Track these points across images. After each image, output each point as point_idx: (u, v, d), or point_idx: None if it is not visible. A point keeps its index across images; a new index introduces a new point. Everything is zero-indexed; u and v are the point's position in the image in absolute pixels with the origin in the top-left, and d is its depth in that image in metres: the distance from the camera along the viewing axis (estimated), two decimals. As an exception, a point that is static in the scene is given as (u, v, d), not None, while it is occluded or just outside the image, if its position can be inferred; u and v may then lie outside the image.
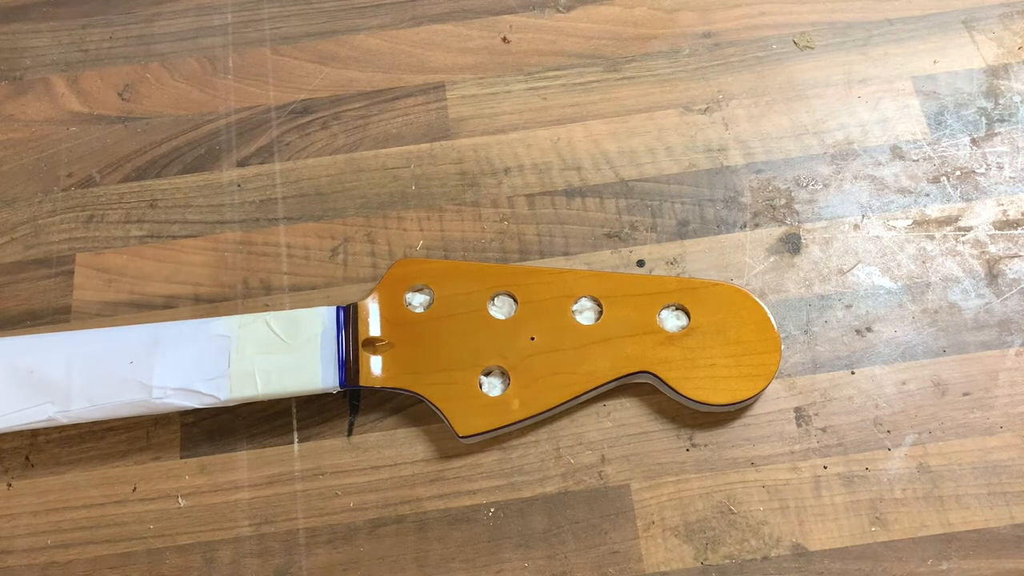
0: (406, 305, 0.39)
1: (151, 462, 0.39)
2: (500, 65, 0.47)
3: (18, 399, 0.36)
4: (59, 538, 0.38)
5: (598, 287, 0.39)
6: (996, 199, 0.42)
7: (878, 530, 0.36)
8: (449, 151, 0.45)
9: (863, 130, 0.44)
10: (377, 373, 0.38)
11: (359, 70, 0.47)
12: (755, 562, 0.36)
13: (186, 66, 0.47)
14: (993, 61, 0.45)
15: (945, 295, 0.40)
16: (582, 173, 0.44)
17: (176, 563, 0.37)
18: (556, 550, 0.37)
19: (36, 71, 0.48)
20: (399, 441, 0.39)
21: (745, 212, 0.42)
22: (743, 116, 0.45)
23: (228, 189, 0.44)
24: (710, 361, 0.38)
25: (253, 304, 0.41)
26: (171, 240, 0.43)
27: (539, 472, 0.38)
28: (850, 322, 0.40)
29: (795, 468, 0.37)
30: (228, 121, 0.46)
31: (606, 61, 0.46)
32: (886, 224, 0.42)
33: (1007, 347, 0.39)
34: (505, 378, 0.38)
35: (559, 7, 0.48)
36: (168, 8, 0.49)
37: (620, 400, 0.39)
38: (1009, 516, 0.36)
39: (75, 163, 0.45)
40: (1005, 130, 0.44)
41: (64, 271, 0.42)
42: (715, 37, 0.47)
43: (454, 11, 0.48)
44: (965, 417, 0.38)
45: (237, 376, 0.37)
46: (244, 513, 0.38)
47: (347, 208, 0.43)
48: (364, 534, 0.37)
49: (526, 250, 0.42)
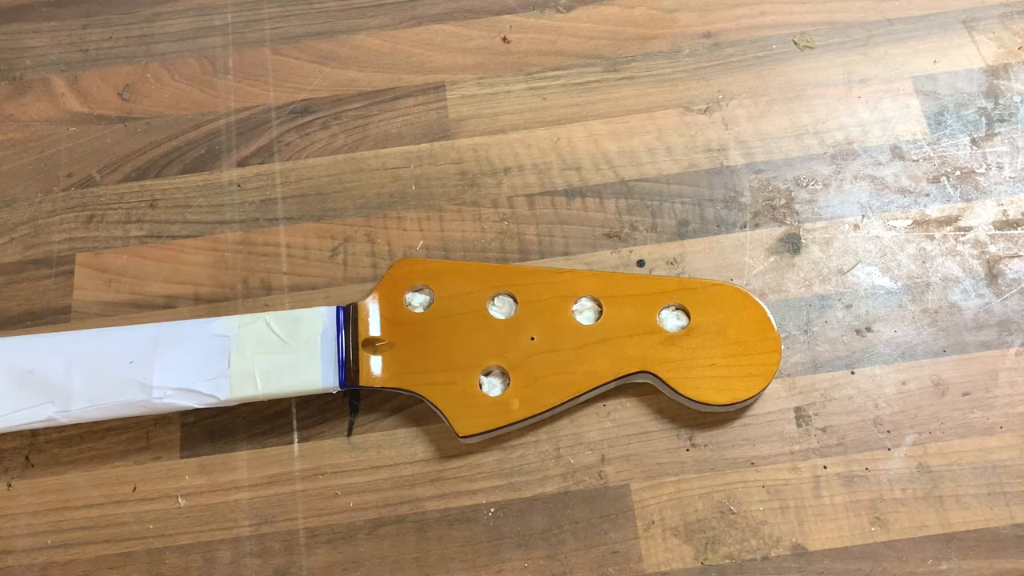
0: (406, 305, 0.39)
1: (151, 462, 0.39)
2: (500, 65, 0.47)
3: (18, 399, 0.36)
4: (59, 538, 0.38)
5: (598, 287, 0.39)
6: (996, 199, 0.42)
7: (878, 530, 0.36)
8: (449, 151, 0.45)
9: (863, 130, 0.44)
10: (377, 373, 0.38)
11: (359, 70, 0.47)
12: (755, 562, 0.36)
13: (186, 66, 0.47)
14: (993, 61, 0.45)
15: (945, 295, 0.40)
16: (582, 173, 0.44)
17: (176, 563, 0.37)
18: (556, 550, 0.37)
19: (36, 71, 0.48)
20: (399, 441, 0.39)
21: (745, 212, 0.42)
22: (743, 116, 0.45)
23: (228, 189, 0.44)
24: (710, 361, 0.38)
25: (253, 304, 0.41)
26: (171, 240, 0.43)
27: (539, 472, 0.38)
28: (850, 322, 0.40)
29: (795, 468, 0.37)
30: (228, 121, 0.46)
31: (606, 61, 0.46)
32: (886, 224, 0.42)
33: (1007, 347, 0.39)
34: (505, 378, 0.38)
35: (559, 7, 0.48)
36: (168, 8, 0.49)
37: (620, 400, 0.39)
38: (1009, 516, 0.36)
39: (75, 163, 0.45)
40: (1005, 130, 0.44)
41: (64, 271, 0.42)
42: (715, 37, 0.47)
43: (454, 11, 0.48)
44: (965, 417, 0.38)
45: (237, 376, 0.37)
46: (244, 513, 0.38)
47: (347, 208, 0.43)
48: (364, 534, 0.37)
49: (526, 250, 0.42)
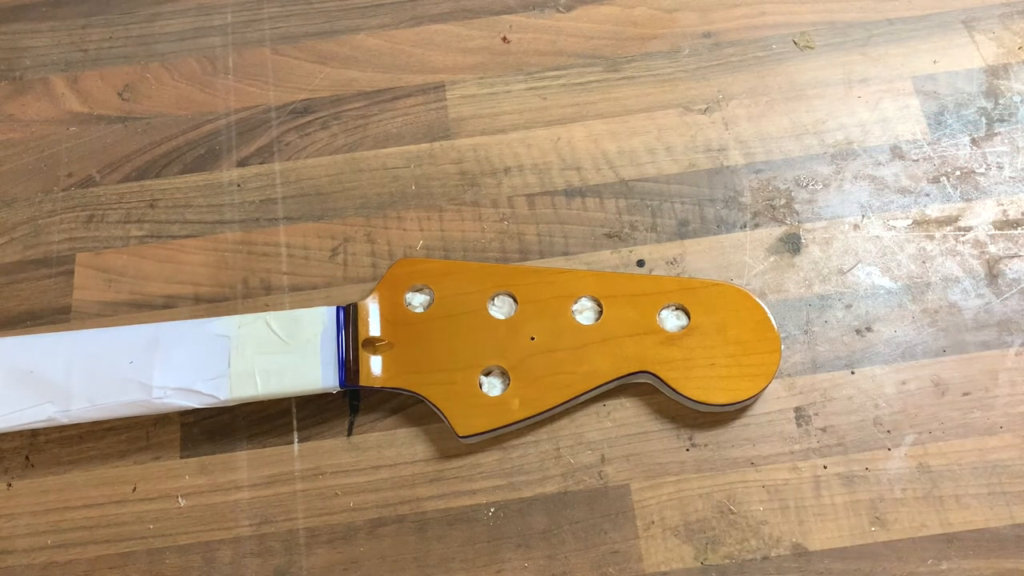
0: (406, 305, 0.39)
1: (151, 462, 0.39)
2: (500, 65, 0.47)
3: (18, 399, 0.36)
4: (59, 538, 0.38)
5: (598, 287, 0.39)
6: (996, 199, 0.42)
7: (878, 530, 0.36)
8: (449, 151, 0.45)
9: (863, 130, 0.44)
10: (377, 373, 0.38)
11: (359, 70, 0.47)
12: (755, 562, 0.36)
13: (186, 66, 0.47)
14: (993, 61, 0.45)
15: (945, 295, 0.40)
16: (582, 173, 0.44)
17: (176, 563, 0.37)
18: (556, 550, 0.37)
19: (36, 71, 0.48)
20: (399, 441, 0.39)
21: (745, 212, 0.42)
22: (743, 116, 0.45)
23: (228, 189, 0.44)
24: (710, 361, 0.37)
25: (253, 304, 0.41)
26: (171, 240, 0.43)
27: (539, 472, 0.38)
28: (850, 322, 0.40)
29: (795, 468, 0.37)
30: (228, 121, 0.46)
31: (606, 61, 0.46)
32: (886, 224, 0.42)
33: (1007, 347, 0.39)
34: (505, 378, 0.38)
35: (559, 7, 0.48)
36: (168, 8, 0.49)
37: (620, 400, 0.39)
38: (1009, 516, 0.36)
39: (75, 163, 0.45)
40: (1005, 130, 0.44)
41: (64, 271, 0.42)
42: (715, 37, 0.47)
43: (454, 11, 0.48)
44: (965, 417, 0.38)
45: (237, 376, 0.37)
46: (244, 513, 0.38)
47: (347, 208, 0.43)
48: (364, 534, 0.37)
49: (526, 250, 0.42)
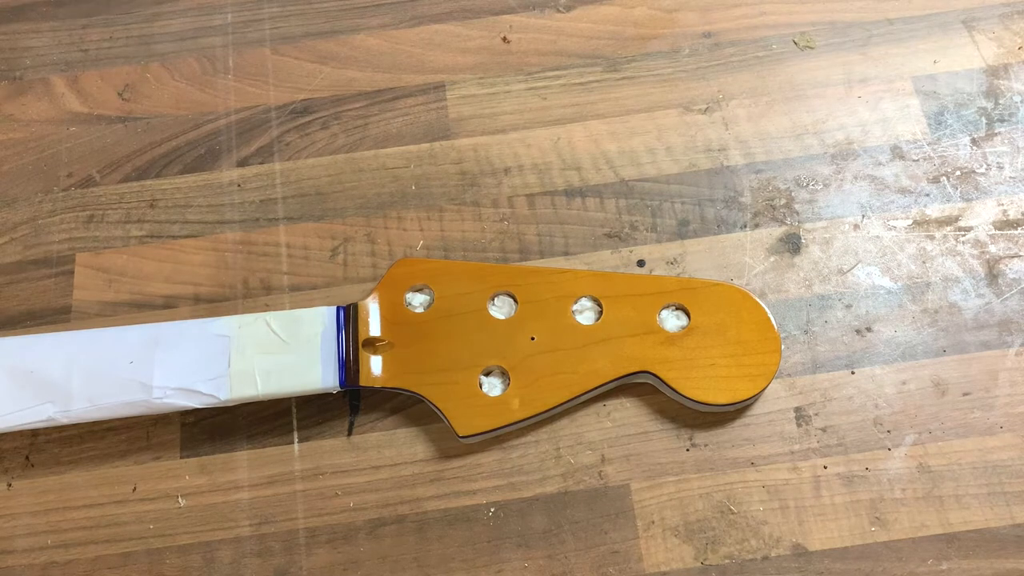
0: (406, 305, 0.39)
1: (151, 462, 0.39)
2: (500, 65, 0.47)
3: (18, 399, 0.36)
4: (59, 538, 0.38)
5: (598, 287, 0.39)
6: (996, 199, 0.42)
7: (878, 530, 0.36)
8: (449, 151, 0.45)
9: (863, 130, 0.44)
10: (377, 373, 0.38)
11: (359, 70, 0.47)
12: (755, 562, 0.36)
13: (186, 66, 0.47)
14: (993, 61, 0.45)
15: (945, 295, 0.40)
16: (582, 173, 0.44)
17: (176, 563, 0.37)
18: (556, 550, 0.37)
19: (36, 71, 0.48)
20: (399, 441, 0.39)
21: (745, 212, 0.42)
22: (743, 116, 0.45)
23: (228, 189, 0.44)
24: (710, 361, 0.37)
25: (253, 304, 0.41)
26: (171, 240, 0.43)
27: (539, 472, 0.38)
28: (850, 322, 0.40)
29: (795, 468, 0.37)
30: (228, 121, 0.46)
31: (606, 61, 0.46)
32: (886, 224, 0.42)
33: (1007, 347, 0.39)
34: (505, 378, 0.38)
35: (559, 7, 0.48)
36: (168, 8, 0.49)
37: (620, 400, 0.39)
38: (1009, 516, 0.36)
39: (75, 163, 0.45)
40: (1005, 130, 0.44)
41: (64, 271, 0.42)
42: (715, 37, 0.47)
43: (454, 11, 0.48)
44: (965, 417, 0.38)
45: (237, 376, 0.37)
46: (244, 513, 0.38)
47: (347, 208, 0.43)
48: (364, 534, 0.37)
49: (526, 250, 0.42)
